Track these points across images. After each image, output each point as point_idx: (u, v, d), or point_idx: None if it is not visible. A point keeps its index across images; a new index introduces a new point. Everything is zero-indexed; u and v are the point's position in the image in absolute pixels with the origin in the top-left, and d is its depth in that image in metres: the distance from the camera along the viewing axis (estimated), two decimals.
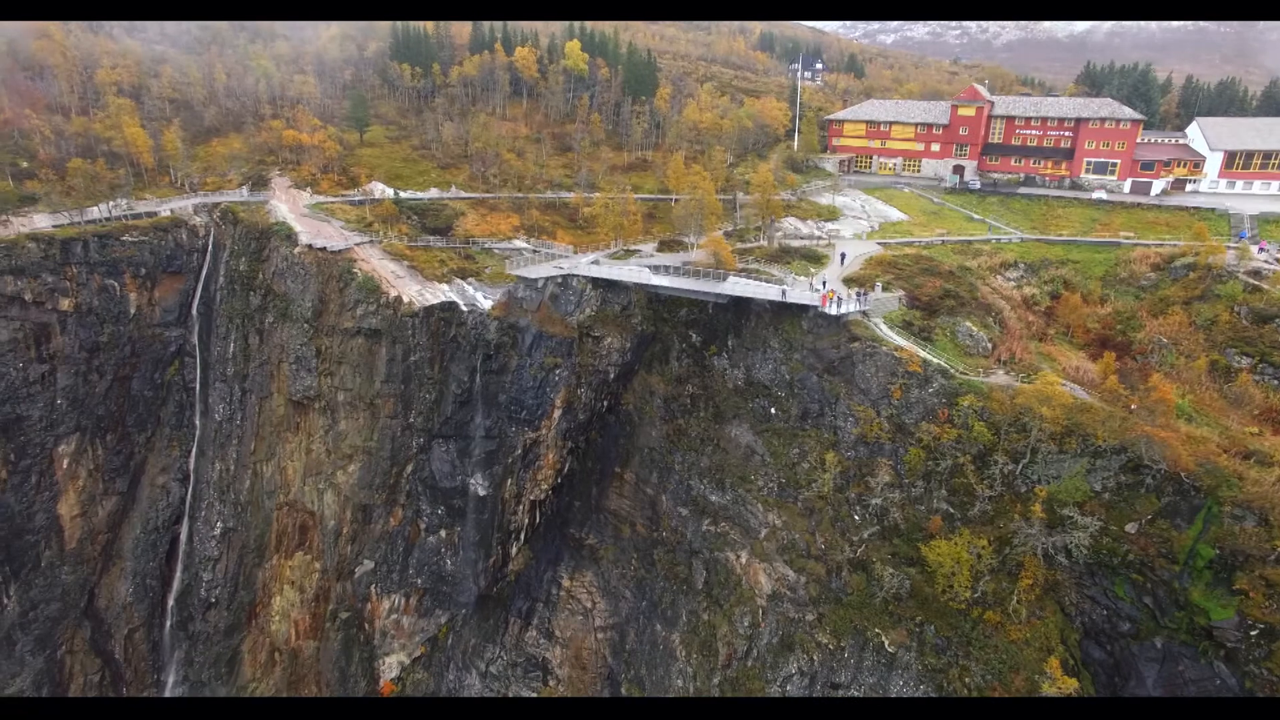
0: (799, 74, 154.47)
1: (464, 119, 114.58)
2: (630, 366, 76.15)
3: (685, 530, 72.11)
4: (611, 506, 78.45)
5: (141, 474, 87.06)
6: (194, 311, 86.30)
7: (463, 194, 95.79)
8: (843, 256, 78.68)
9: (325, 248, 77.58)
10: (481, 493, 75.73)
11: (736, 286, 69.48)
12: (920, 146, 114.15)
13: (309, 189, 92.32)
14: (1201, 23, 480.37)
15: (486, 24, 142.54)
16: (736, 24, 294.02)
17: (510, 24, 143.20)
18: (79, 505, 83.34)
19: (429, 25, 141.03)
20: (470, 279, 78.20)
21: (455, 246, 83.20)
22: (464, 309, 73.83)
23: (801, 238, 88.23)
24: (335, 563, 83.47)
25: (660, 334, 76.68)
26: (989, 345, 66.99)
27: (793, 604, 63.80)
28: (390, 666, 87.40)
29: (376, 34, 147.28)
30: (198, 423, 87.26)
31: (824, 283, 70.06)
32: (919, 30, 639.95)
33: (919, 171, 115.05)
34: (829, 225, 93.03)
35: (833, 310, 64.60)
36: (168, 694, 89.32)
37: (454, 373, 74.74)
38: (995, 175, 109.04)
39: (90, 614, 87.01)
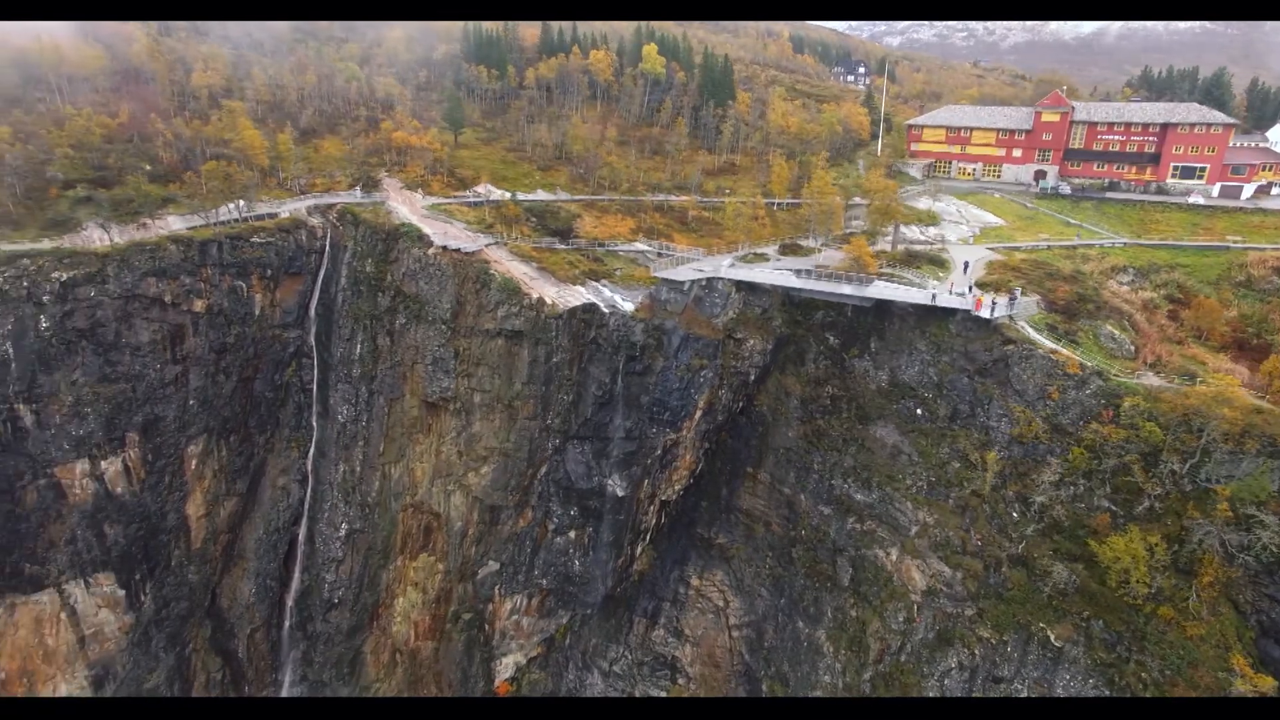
0: (872, 78, 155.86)
1: (553, 122, 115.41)
2: (766, 368, 77.41)
3: (828, 529, 73.42)
4: (744, 506, 79.64)
5: (262, 475, 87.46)
6: (312, 312, 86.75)
7: (570, 196, 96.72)
8: (965, 264, 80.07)
9: (459, 249, 78.38)
10: (620, 493, 76.76)
11: (883, 290, 70.98)
12: (1001, 152, 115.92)
13: (420, 190, 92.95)
14: (1208, 24, 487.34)
15: (555, 27, 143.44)
16: (764, 26, 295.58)
17: (580, 27, 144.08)
18: (204, 505, 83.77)
19: (498, 27, 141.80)
20: (603, 281, 79.16)
21: (581, 249, 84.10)
22: (605, 311, 74.80)
23: (910, 242, 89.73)
24: (459, 564, 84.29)
25: (794, 336, 77.97)
26: (1131, 348, 68.71)
27: (949, 599, 65.25)
28: (506, 667, 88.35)
29: (442, 36, 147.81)
30: (315, 424, 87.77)
31: (969, 287, 71.54)
32: (925, 32, 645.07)
33: (999, 176, 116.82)
34: (931, 230, 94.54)
35: (986, 314, 66.14)
36: (284, 694, 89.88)
37: (593, 374, 75.69)
38: (1076, 180, 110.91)
39: (212, 613, 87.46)
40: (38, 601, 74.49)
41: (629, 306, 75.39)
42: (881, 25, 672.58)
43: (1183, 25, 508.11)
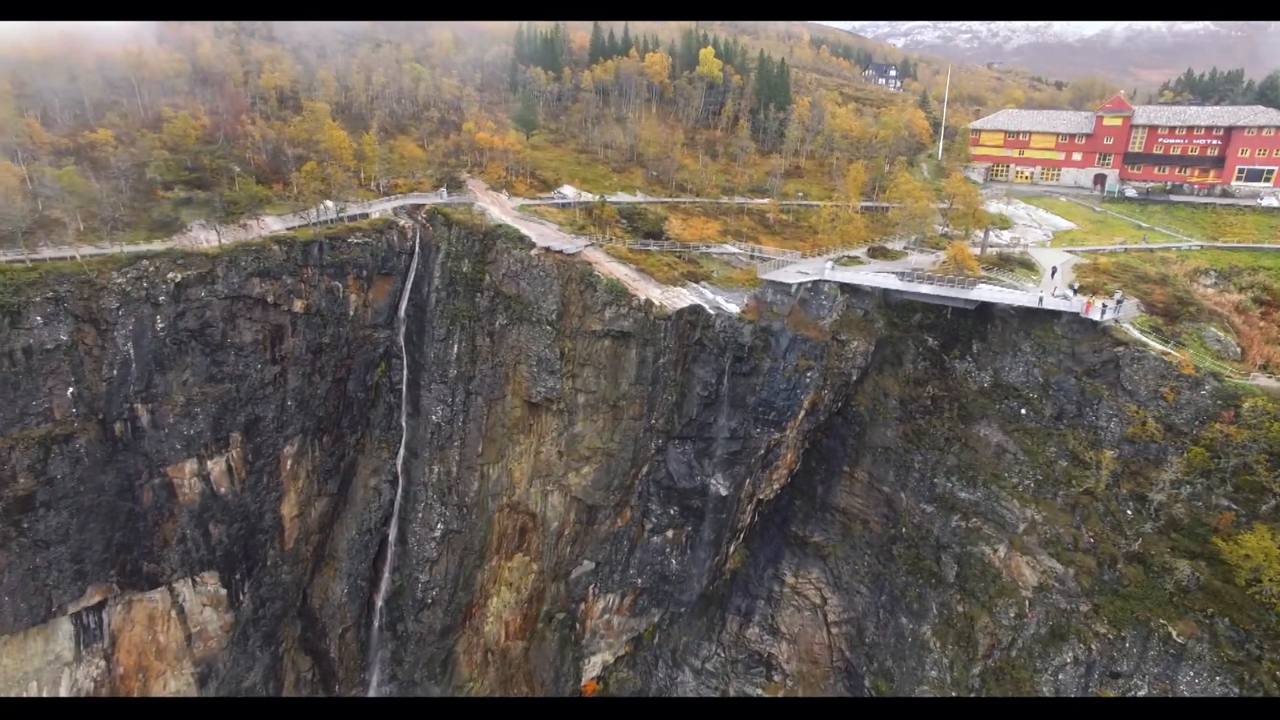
0: (904, 81, 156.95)
1: (612, 124, 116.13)
2: (865, 369, 78.42)
3: (931, 526, 74.52)
4: (840, 504, 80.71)
5: (353, 475, 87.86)
6: (402, 313, 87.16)
7: (650, 198, 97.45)
8: (1054, 269, 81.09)
9: (561, 250, 79.07)
10: (724, 493, 77.63)
11: (989, 293, 72.12)
12: (1061, 155, 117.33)
13: (504, 191, 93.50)
14: (1212, 27, 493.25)
15: (606, 30, 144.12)
16: (783, 27, 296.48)
17: (630, 31, 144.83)
18: (297, 506, 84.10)
19: (549, 30, 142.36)
20: (702, 283, 79.96)
21: (675, 250, 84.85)
22: (710, 312, 75.63)
23: (989, 245, 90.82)
24: (553, 564, 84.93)
25: (891, 338, 79.05)
26: (1237, 350, 70.17)
27: (1062, 595, 66.40)
28: (593, 666, 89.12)
29: (492, 37, 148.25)
30: (404, 424, 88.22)
31: (1073, 290, 72.78)
32: (929, 34, 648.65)
33: (1058, 179, 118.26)
34: (1006, 234, 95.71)
35: (1096, 316, 67.43)
36: (371, 694, 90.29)
37: (698, 374, 76.52)
38: (1136, 184, 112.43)
39: (303, 613, 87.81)
40: (151, 599, 74.85)
41: (734, 308, 76.23)
42: (884, 27, 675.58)
43: (1186, 27, 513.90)
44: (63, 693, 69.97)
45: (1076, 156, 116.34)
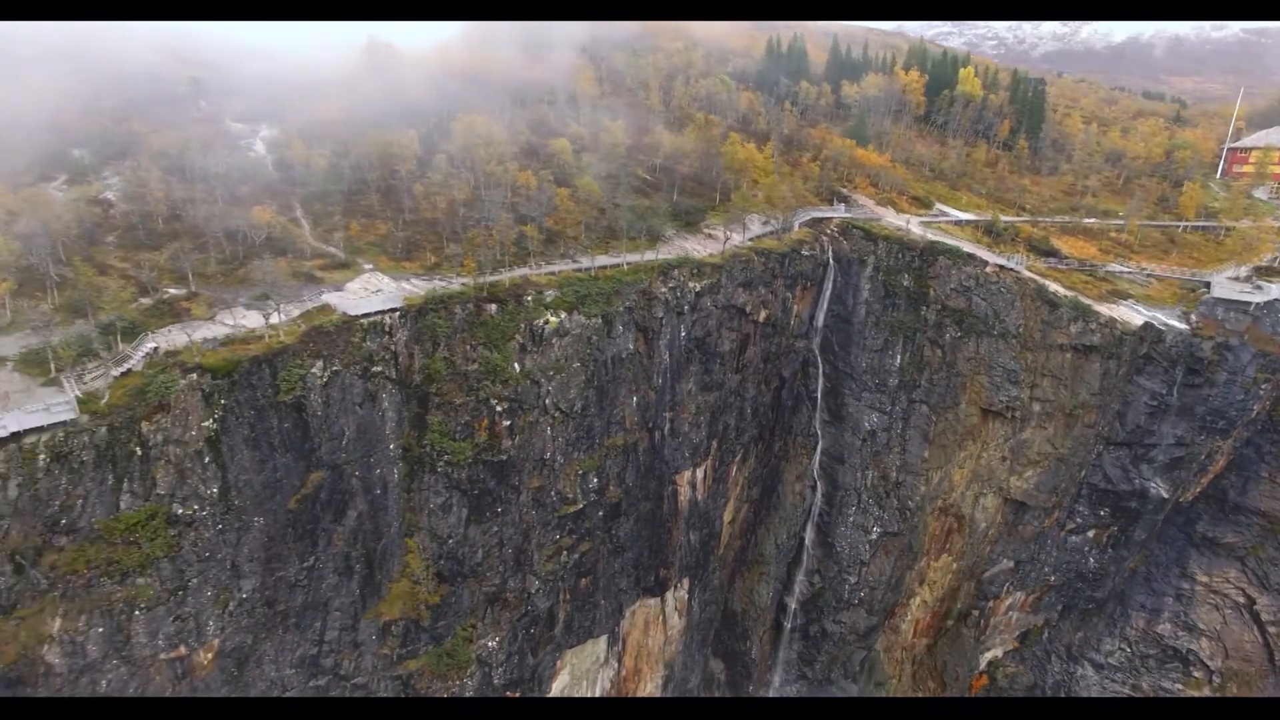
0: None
1: (884, 138, 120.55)
2: None
3: None
4: (1260, 508, 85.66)
5: (776, 482, 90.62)
6: (819, 322, 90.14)
7: (1003, 217, 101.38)
8: None
9: (1012, 268, 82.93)
10: (1164, 495, 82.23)
11: None
12: None
13: (890, 207, 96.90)
14: (1244, 35, 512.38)
15: (844, 46, 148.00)
16: (865, 34, 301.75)
17: (868, 47, 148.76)
18: (732, 511, 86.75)
19: (790, 40, 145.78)
20: (1128, 300, 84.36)
21: (1082, 269, 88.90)
22: (1160, 328, 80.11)
23: None
24: (971, 563, 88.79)
25: None
26: None
27: None
28: (981, 661, 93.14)
29: (725, 49, 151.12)
30: (819, 431, 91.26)
31: None
32: (954, 40, 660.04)
33: None
34: None
35: None
36: (772, 694, 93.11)
37: (1144, 385, 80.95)
38: None
39: (724, 616, 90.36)
40: (647, 605, 76.96)
41: (1179, 324, 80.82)
42: (912, 32, 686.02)
43: (1215, 34, 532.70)
44: (596, 693, 71.98)
45: None
